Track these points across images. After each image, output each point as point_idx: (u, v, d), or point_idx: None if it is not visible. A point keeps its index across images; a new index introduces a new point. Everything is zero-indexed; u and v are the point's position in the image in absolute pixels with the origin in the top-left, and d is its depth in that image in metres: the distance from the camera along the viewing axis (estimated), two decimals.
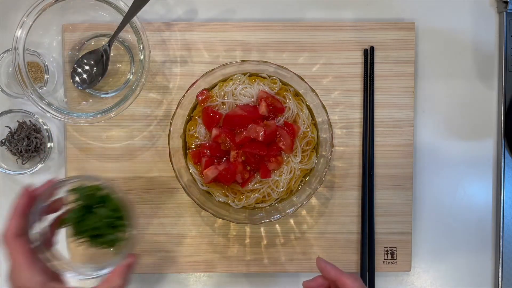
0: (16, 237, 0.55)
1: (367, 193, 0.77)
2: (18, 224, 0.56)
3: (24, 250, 0.56)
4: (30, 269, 0.55)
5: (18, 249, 0.55)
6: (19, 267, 0.55)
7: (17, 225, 0.56)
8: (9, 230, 0.55)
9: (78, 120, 0.69)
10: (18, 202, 0.58)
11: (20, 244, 0.55)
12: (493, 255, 0.79)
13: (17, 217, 0.57)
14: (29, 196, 0.58)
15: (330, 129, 0.70)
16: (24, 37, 0.67)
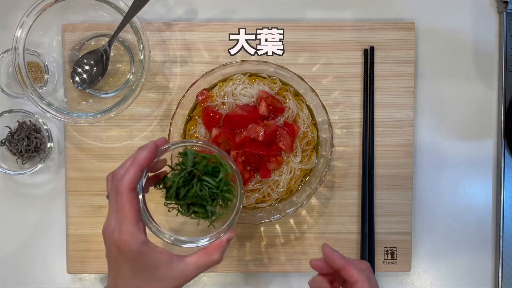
0: (131, 190, 0.53)
1: (367, 193, 0.77)
2: (136, 177, 0.53)
3: (135, 205, 0.53)
4: (136, 225, 0.53)
5: (131, 202, 0.53)
6: (125, 221, 0.52)
7: (135, 178, 0.53)
8: (128, 181, 0.53)
9: (78, 120, 0.69)
10: (142, 154, 0.54)
11: (133, 198, 0.53)
12: (493, 255, 0.79)
13: (137, 169, 0.54)
14: (153, 152, 0.55)
15: (330, 129, 0.70)
16: (24, 37, 0.67)
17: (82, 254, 0.77)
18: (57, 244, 0.78)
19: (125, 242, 0.52)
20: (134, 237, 0.53)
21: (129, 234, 0.52)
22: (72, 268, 0.77)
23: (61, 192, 0.78)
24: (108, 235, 0.53)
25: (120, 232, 0.52)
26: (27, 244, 0.78)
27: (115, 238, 0.52)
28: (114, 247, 0.53)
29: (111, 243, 0.53)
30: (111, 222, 0.53)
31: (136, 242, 0.53)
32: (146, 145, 0.56)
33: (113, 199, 0.54)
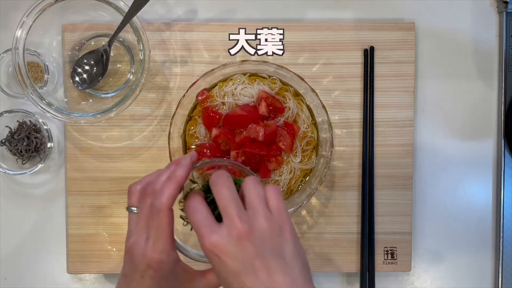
0: (170, 208, 0.51)
1: (367, 193, 0.77)
2: (176, 195, 0.52)
3: (172, 223, 0.51)
4: (172, 244, 0.51)
5: (170, 220, 0.51)
6: (161, 239, 0.50)
7: (175, 196, 0.51)
8: (169, 199, 0.51)
9: (78, 120, 0.69)
10: (180, 172, 0.52)
11: (171, 216, 0.51)
12: (493, 255, 0.79)
13: (177, 187, 0.51)
14: (190, 169, 0.53)
15: (330, 129, 0.70)
16: (24, 37, 0.67)
17: (82, 254, 0.77)
18: (57, 244, 0.78)
19: (160, 260, 0.51)
20: (169, 256, 0.51)
21: (165, 253, 0.51)
22: (72, 268, 0.77)
23: (61, 192, 0.78)
24: (138, 252, 0.51)
25: (154, 251, 0.51)
26: (27, 244, 0.78)
27: (148, 256, 0.51)
28: (145, 265, 0.51)
29: (141, 261, 0.51)
30: (140, 239, 0.51)
31: (171, 261, 0.52)
32: (183, 161, 0.53)
33: (146, 215, 0.52)
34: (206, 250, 0.48)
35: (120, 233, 0.77)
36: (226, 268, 0.47)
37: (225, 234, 0.47)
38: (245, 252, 0.47)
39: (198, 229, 0.48)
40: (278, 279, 0.47)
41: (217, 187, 0.49)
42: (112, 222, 0.77)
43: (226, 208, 0.48)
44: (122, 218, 0.77)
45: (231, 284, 0.48)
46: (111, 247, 0.77)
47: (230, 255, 0.47)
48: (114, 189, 0.77)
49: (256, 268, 0.47)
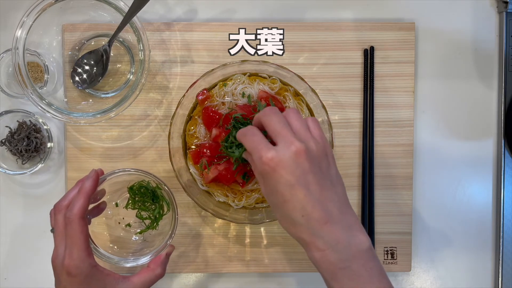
0: (81, 218, 0.57)
1: (367, 193, 0.77)
2: (85, 206, 0.58)
3: (85, 231, 0.57)
4: (86, 250, 0.56)
5: (82, 229, 0.57)
6: (75, 247, 0.56)
7: (84, 206, 0.58)
8: (79, 210, 0.57)
9: (78, 120, 0.69)
10: (87, 184, 0.59)
11: (84, 225, 0.57)
12: (493, 255, 0.79)
13: (85, 198, 0.58)
14: (97, 180, 0.61)
15: (330, 129, 0.70)
16: (24, 37, 0.67)
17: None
18: None
19: (76, 266, 0.56)
20: (84, 261, 0.56)
21: (79, 259, 0.56)
22: None
23: (61, 192, 0.78)
24: (58, 262, 0.56)
25: (70, 258, 0.56)
26: (27, 244, 0.78)
27: (66, 264, 0.56)
28: (65, 273, 0.56)
29: (61, 270, 0.56)
30: (59, 251, 0.57)
31: (86, 266, 0.56)
32: (89, 175, 0.60)
33: (60, 228, 0.57)
34: (264, 165, 0.52)
35: None
36: (281, 180, 0.52)
37: (284, 150, 0.52)
38: (301, 167, 0.52)
39: (256, 147, 0.53)
40: (326, 194, 0.53)
41: (268, 116, 0.55)
42: None
43: (281, 130, 0.53)
44: None
45: (284, 195, 0.52)
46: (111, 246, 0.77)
47: (287, 168, 0.51)
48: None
49: (309, 182, 0.52)
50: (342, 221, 0.53)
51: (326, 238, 0.52)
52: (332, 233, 0.52)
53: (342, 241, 0.52)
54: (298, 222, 0.53)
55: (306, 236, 0.53)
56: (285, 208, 0.53)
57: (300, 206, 0.52)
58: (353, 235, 0.53)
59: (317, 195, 0.52)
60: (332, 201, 0.53)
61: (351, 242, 0.52)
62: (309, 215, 0.52)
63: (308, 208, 0.52)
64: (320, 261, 0.53)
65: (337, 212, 0.53)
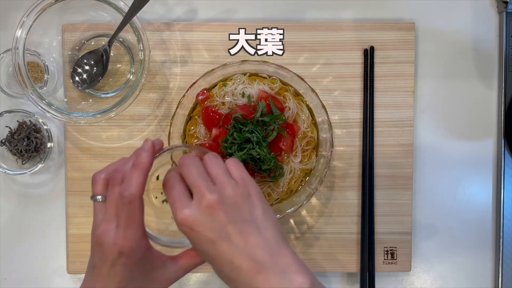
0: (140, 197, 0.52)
1: (367, 193, 0.77)
2: (144, 183, 0.52)
3: (142, 212, 0.52)
4: (143, 232, 0.52)
5: (140, 210, 0.51)
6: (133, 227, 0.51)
7: (143, 184, 0.52)
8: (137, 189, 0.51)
9: (78, 120, 0.69)
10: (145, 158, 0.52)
11: (141, 205, 0.52)
12: (493, 255, 0.79)
13: (144, 175, 0.52)
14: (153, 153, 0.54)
15: (330, 129, 0.70)
16: (24, 37, 0.67)
17: (82, 254, 0.77)
18: (57, 244, 0.78)
19: (132, 248, 0.51)
20: (140, 244, 0.52)
21: (136, 241, 0.52)
22: (72, 268, 0.77)
23: (61, 192, 0.78)
24: (108, 240, 0.51)
25: (126, 239, 0.51)
26: (27, 244, 0.78)
27: (120, 244, 0.51)
28: (116, 253, 0.51)
29: (111, 249, 0.51)
30: (110, 227, 0.52)
31: (142, 248, 0.52)
32: (144, 147, 0.54)
33: (114, 204, 0.52)
34: (180, 225, 0.50)
35: None
36: (201, 239, 0.49)
37: (196, 206, 0.49)
38: (217, 220, 0.49)
39: (172, 204, 0.50)
40: (252, 241, 0.49)
41: (185, 167, 0.52)
42: None
43: (195, 183, 0.50)
44: None
45: (209, 253, 0.50)
46: None
47: (203, 225, 0.49)
48: None
49: (230, 233, 0.49)
50: (274, 266, 0.49)
51: None
52: (266, 281, 0.48)
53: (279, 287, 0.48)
54: (230, 277, 0.50)
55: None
56: (215, 265, 0.50)
57: (227, 261, 0.49)
58: (290, 279, 0.48)
59: (241, 245, 0.49)
60: (259, 247, 0.49)
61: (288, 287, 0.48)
62: (238, 268, 0.48)
63: (236, 261, 0.49)
64: None
65: (268, 258, 0.49)
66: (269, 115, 0.69)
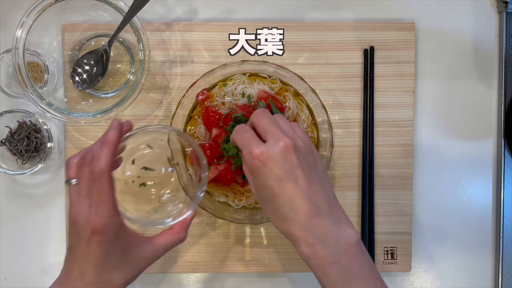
0: (109, 172, 0.52)
1: (367, 193, 0.77)
2: (112, 158, 0.53)
3: (112, 187, 0.53)
4: (115, 207, 0.53)
5: (109, 185, 0.52)
6: (104, 204, 0.52)
7: (112, 159, 0.53)
8: (105, 164, 0.52)
9: (78, 120, 0.69)
10: (112, 135, 0.54)
11: (111, 181, 0.53)
12: (493, 255, 0.79)
13: (111, 150, 0.53)
14: (121, 130, 0.56)
15: (330, 129, 0.70)
16: (24, 37, 0.67)
17: None
18: (57, 244, 0.78)
19: (105, 224, 0.52)
20: (114, 219, 0.53)
21: (109, 217, 0.52)
22: None
23: (61, 192, 0.78)
24: (82, 219, 0.52)
25: (98, 216, 0.52)
26: (27, 244, 0.78)
27: (93, 221, 0.52)
28: (90, 231, 0.52)
29: (85, 227, 0.52)
30: (83, 207, 0.52)
31: (115, 224, 0.53)
32: (112, 125, 0.56)
33: (87, 183, 0.53)
34: (254, 159, 0.53)
35: None
36: (270, 174, 0.53)
37: (272, 145, 0.53)
38: (289, 162, 0.53)
39: (248, 142, 0.54)
40: (314, 188, 0.53)
41: (259, 116, 0.56)
42: None
43: (270, 129, 0.55)
44: None
45: (273, 189, 0.53)
46: None
47: (276, 162, 0.52)
48: None
49: (298, 176, 0.53)
50: (330, 215, 0.53)
51: (315, 232, 0.52)
52: (320, 227, 0.52)
53: (331, 235, 0.52)
54: (287, 216, 0.53)
55: (295, 230, 0.53)
56: (274, 202, 0.53)
57: (289, 200, 0.52)
58: (341, 229, 0.53)
59: (305, 189, 0.53)
60: (320, 195, 0.54)
61: (339, 235, 0.53)
62: (298, 209, 0.52)
63: (297, 202, 0.52)
64: (310, 256, 0.52)
65: (326, 206, 0.53)
66: None
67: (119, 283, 0.55)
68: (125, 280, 0.55)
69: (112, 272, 0.54)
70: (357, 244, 0.53)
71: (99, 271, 0.53)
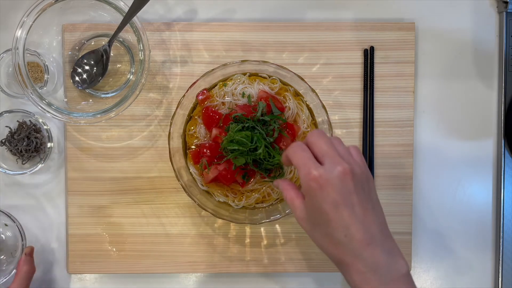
0: None
1: None
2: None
3: None
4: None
5: None
6: None
7: None
8: None
9: (78, 120, 0.69)
10: None
11: None
12: (493, 255, 0.79)
13: None
14: None
15: (330, 129, 0.70)
16: (24, 37, 0.67)
17: (82, 254, 0.77)
18: (57, 244, 0.78)
19: None
20: None
21: None
22: (72, 268, 0.77)
23: (61, 192, 0.78)
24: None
25: None
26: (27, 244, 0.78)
27: None
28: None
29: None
30: None
31: None
32: None
33: None
34: (312, 181, 0.53)
35: (120, 233, 0.77)
36: (326, 198, 0.52)
37: (330, 169, 0.53)
38: (346, 187, 0.53)
39: (306, 162, 0.54)
40: (369, 216, 0.53)
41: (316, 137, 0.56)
42: (112, 222, 0.77)
43: (328, 152, 0.54)
44: (122, 218, 0.77)
45: (328, 214, 0.53)
46: (111, 247, 0.77)
47: (334, 187, 0.52)
48: (114, 189, 0.77)
49: (354, 202, 0.53)
50: (383, 244, 0.54)
51: (367, 260, 0.52)
52: (373, 255, 0.53)
53: (383, 264, 0.53)
54: (340, 241, 0.53)
55: (347, 257, 0.53)
56: (329, 227, 0.53)
57: (344, 226, 0.52)
58: (393, 259, 0.54)
59: (361, 216, 0.53)
60: (374, 223, 0.54)
61: (391, 266, 0.53)
62: (352, 236, 0.52)
63: (352, 228, 0.52)
64: (360, 284, 0.53)
65: (379, 235, 0.54)
66: (269, 115, 0.69)
67: None
68: None
69: None
70: (407, 275, 0.54)
71: None
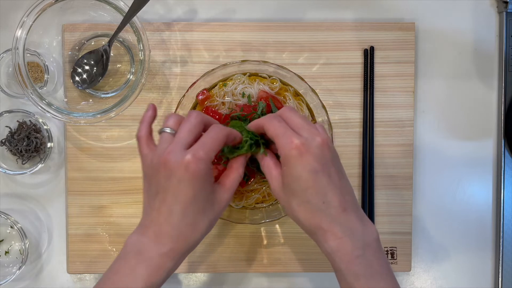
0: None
1: (367, 193, 0.77)
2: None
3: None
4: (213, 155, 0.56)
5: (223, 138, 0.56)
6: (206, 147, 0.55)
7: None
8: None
9: (78, 120, 0.69)
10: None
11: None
12: (493, 255, 0.79)
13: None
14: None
15: (330, 129, 0.70)
16: (24, 37, 0.67)
17: (82, 254, 0.77)
18: (57, 244, 0.78)
19: (201, 160, 0.53)
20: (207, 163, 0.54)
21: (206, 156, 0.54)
22: (72, 268, 0.77)
23: (61, 192, 0.78)
24: (176, 157, 0.53)
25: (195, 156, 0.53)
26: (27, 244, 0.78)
27: (187, 159, 0.53)
28: (183, 168, 0.53)
29: (178, 165, 0.53)
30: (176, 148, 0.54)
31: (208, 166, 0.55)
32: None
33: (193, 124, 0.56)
34: (294, 149, 0.54)
35: (120, 233, 0.77)
36: (307, 166, 0.54)
37: (310, 139, 0.55)
38: (324, 156, 0.55)
39: (285, 132, 0.56)
40: (344, 184, 0.57)
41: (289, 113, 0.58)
42: (112, 222, 0.77)
43: (304, 125, 0.56)
44: (122, 218, 0.77)
45: (308, 180, 0.54)
46: (111, 247, 0.77)
47: (314, 154, 0.54)
48: (114, 189, 0.77)
49: (331, 170, 0.56)
50: (357, 210, 0.57)
51: (344, 225, 0.55)
52: (349, 220, 0.55)
53: (357, 229, 0.55)
54: (318, 208, 0.55)
55: (324, 223, 0.55)
56: (307, 194, 0.55)
57: (323, 193, 0.54)
58: (365, 225, 0.56)
59: (337, 183, 0.55)
60: (348, 192, 0.57)
61: (364, 231, 0.56)
62: (330, 201, 0.55)
63: (330, 194, 0.55)
64: (336, 249, 0.54)
65: (352, 202, 0.56)
66: None
67: (204, 226, 0.56)
68: (209, 224, 0.56)
69: (198, 216, 0.55)
70: (378, 240, 0.57)
71: (186, 212, 0.54)
